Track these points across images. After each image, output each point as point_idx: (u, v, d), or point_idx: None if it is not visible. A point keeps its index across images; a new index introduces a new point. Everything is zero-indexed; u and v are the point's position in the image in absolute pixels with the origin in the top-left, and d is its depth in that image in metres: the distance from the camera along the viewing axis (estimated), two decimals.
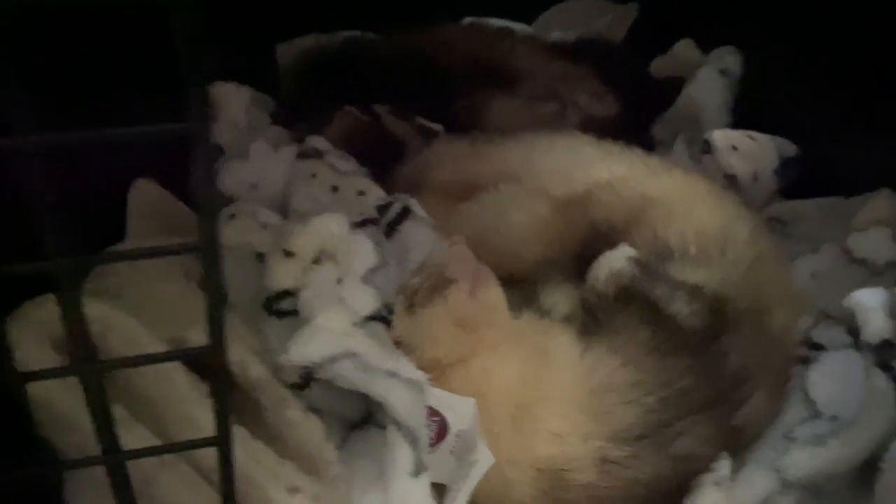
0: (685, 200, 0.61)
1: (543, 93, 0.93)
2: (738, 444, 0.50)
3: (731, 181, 0.71)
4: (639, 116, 0.93)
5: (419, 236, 0.58)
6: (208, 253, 0.34)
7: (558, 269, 0.60)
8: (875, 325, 0.49)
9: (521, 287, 0.61)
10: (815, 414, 0.50)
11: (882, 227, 0.57)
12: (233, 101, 0.79)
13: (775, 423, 0.51)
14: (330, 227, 0.54)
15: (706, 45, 0.95)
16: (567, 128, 0.88)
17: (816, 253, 0.61)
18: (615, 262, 0.54)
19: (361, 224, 0.58)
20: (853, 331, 0.50)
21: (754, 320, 0.52)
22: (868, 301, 0.50)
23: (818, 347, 0.52)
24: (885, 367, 0.48)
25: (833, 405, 0.49)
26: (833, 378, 0.50)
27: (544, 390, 0.49)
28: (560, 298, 0.58)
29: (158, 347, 0.43)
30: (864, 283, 0.55)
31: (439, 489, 0.47)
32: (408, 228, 0.58)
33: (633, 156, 0.70)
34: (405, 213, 0.60)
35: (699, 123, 0.84)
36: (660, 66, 0.98)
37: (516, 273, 0.63)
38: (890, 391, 0.47)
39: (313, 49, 0.97)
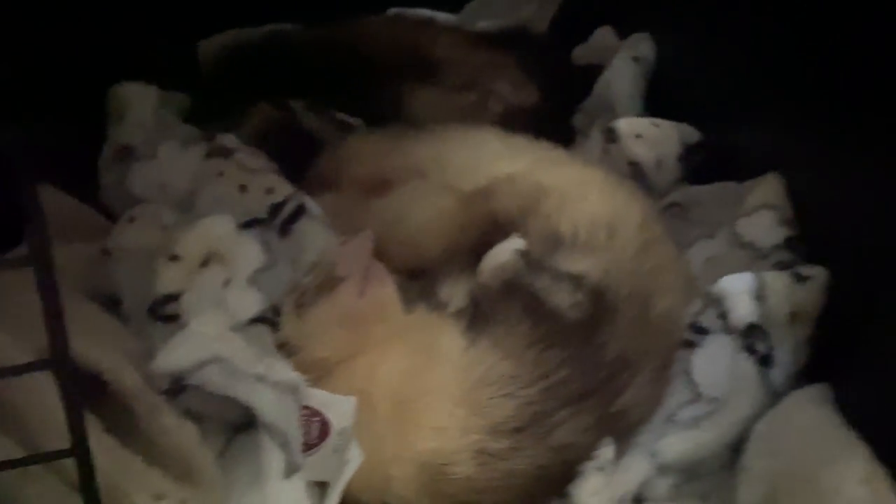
0: (579, 189, 0.62)
1: (465, 83, 0.94)
2: (623, 430, 0.51)
3: (635, 168, 0.72)
4: (559, 105, 0.93)
5: (313, 235, 0.58)
6: (39, 265, 0.34)
7: (458, 262, 0.61)
8: (741, 310, 0.50)
9: (425, 280, 0.62)
10: (697, 397, 0.51)
11: (767, 210, 0.58)
12: (139, 101, 0.78)
13: (660, 407, 0.52)
14: (215, 229, 0.53)
15: (627, 32, 0.95)
16: (488, 117, 0.89)
17: (712, 238, 0.63)
18: (501, 255, 0.55)
19: (249, 224, 0.57)
20: (723, 315, 0.52)
21: (637, 307, 0.53)
22: (734, 287, 0.51)
23: (703, 331, 0.54)
24: (751, 350, 0.50)
25: (714, 388, 0.50)
26: (714, 361, 0.51)
27: (427, 386, 0.49)
28: (456, 291, 0.58)
29: (26, 358, 0.43)
30: (750, 267, 0.56)
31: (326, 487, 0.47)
32: (302, 227, 0.58)
33: (538, 148, 0.70)
34: (300, 211, 0.59)
35: (614, 110, 0.85)
36: (580, 54, 0.99)
37: (422, 267, 0.64)
38: (755, 374, 0.49)
39: (233, 44, 0.96)
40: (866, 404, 0.44)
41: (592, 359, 0.50)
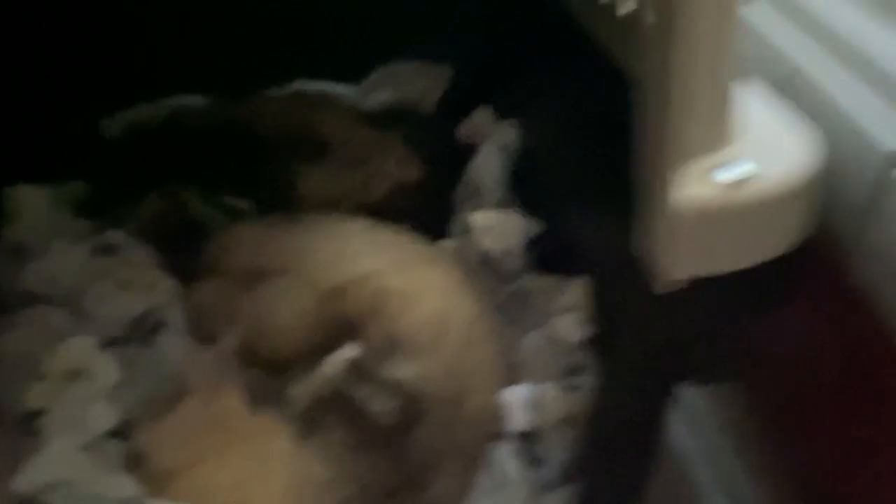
0: (421, 292, 0.70)
1: (353, 161, 1.01)
2: None
3: (485, 258, 0.81)
4: (442, 182, 1.01)
5: (172, 347, 0.65)
6: None
7: (310, 362, 0.68)
8: (516, 418, 0.59)
9: (280, 379, 0.69)
10: (498, 486, 0.60)
11: (574, 311, 0.67)
12: (31, 202, 0.84)
13: (467, 496, 0.60)
14: (78, 348, 0.60)
15: (508, 112, 1.03)
16: (374, 195, 0.96)
17: (538, 330, 0.71)
18: (332, 365, 0.63)
19: (111, 342, 0.64)
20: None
21: (449, 407, 0.61)
22: (513, 397, 0.61)
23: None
24: (523, 454, 0.58)
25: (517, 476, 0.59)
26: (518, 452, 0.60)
27: (257, 492, 0.57)
28: (304, 392, 0.66)
29: None
30: (558, 362, 0.65)
31: None
32: (162, 340, 0.65)
33: (399, 245, 0.78)
34: (160, 324, 0.66)
35: (481, 195, 0.94)
36: (463, 132, 1.07)
37: (283, 363, 0.71)
38: (524, 475, 0.57)
39: (132, 126, 1.01)
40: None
41: (400, 459, 0.58)
